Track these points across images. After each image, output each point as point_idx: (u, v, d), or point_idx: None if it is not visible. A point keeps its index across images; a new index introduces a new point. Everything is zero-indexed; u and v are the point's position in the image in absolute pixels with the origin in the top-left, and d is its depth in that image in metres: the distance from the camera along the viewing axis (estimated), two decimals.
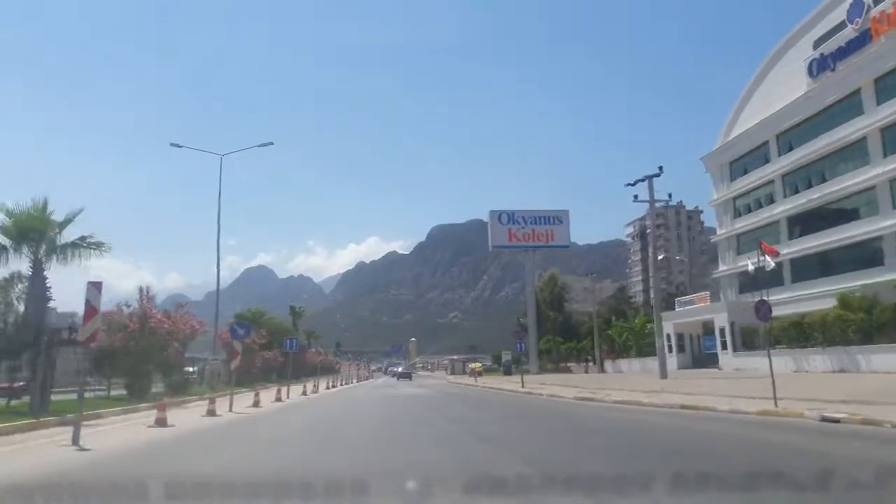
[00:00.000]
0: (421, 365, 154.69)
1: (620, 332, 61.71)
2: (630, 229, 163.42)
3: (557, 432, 12.22)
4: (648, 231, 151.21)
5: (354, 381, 61.98)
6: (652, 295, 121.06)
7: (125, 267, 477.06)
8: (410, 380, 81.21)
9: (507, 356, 73.87)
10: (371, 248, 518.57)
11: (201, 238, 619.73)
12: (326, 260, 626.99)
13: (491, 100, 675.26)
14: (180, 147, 38.22)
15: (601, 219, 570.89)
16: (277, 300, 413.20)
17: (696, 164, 55.30)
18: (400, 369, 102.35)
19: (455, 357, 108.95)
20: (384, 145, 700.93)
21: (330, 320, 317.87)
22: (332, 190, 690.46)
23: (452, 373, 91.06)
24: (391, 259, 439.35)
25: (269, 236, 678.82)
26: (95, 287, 11.63)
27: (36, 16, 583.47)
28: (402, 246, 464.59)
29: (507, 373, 68.42)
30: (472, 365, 78.62)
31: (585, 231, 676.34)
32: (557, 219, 77.43)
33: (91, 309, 11.53)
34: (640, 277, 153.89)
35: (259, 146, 37.45)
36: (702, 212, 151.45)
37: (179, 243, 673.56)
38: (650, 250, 24.88)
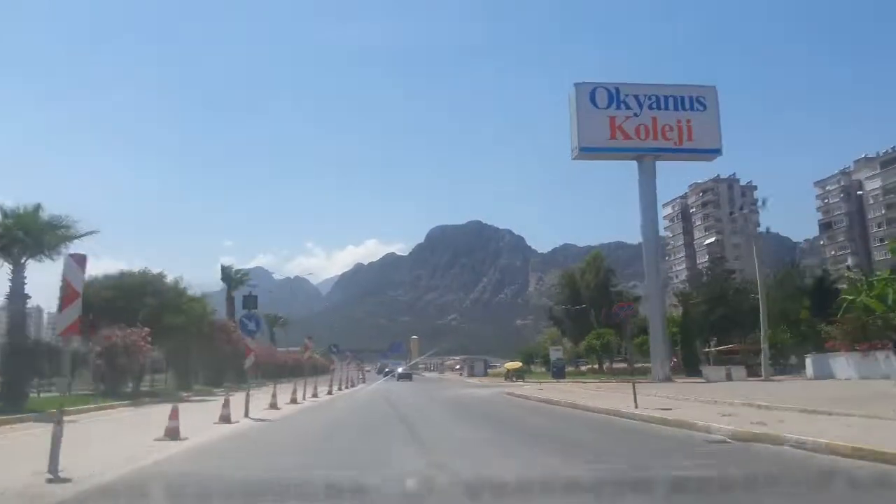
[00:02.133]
0: (424, 365, 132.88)
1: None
2: (669, 210, 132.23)
3: None
4: (693, 209, 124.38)
5: (332, 388, 34.75)
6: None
7: (121, 267, 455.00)
8: (410, 380, 66.01)
9: (556, 352, 53.42)
10: (369, 250, 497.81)
11: (198, 238, 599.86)
12: (324, 261, 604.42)
13: (491, 101, 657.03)
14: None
15: (601, 221, 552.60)
16: (274, 302, 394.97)
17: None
18: (401, 369, 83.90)
19: (470, 356, 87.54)
20: (384, 147, 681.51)
21: (327, 322, 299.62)
22: (331, 191, 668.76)
23: (471, 374, 70.83)
24: (389, 261, 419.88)
25: (266, 238, 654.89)
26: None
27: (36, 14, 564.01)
28: (401, 248, 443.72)
29: (559, 376, 49.01)
30: (508, 364, 58.18)
31: (585, 232, 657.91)
32: (698, 101, 43.06)
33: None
34: (683, 266, 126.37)
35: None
36: (755, 188, 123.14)
37: (177, 243, 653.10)
38: None
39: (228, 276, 55.09)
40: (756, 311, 40.31)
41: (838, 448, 8.77)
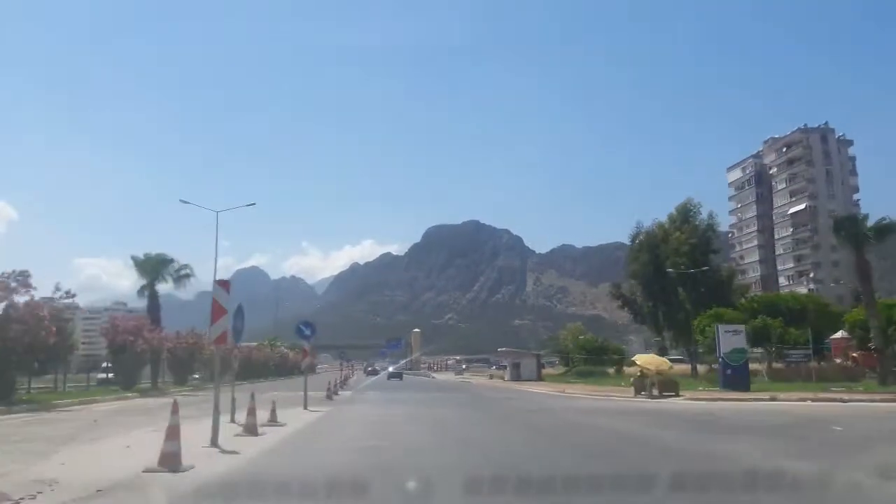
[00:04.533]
0: (427, 364, 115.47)
1: None
2: (737, 174, 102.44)
3: None
4: (772, 170, 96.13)
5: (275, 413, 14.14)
6: (779, 266, 62.06)
7: (118, 265, 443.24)
8: (400, 379, 53.66)
9: (732, 336, 27.51)
10: (366, 251, 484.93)
11: (196, 238, 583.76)
12: (320, 261, 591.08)
13: (488, 101, 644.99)
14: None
15: (600, 221, 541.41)
16: (269, 301, 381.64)
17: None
18: (391, 368, 70.34)
19: (516, 349, 62.02)
20: (381, 147, 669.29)
21: (322, 321, 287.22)
22: (328, 191, 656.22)
23: (518, 378, 48.02)
24: (385, 260, 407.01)
25: (262, 237, 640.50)
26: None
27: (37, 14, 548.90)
28: (398, 248, 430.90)
29: (739, 384, 26.15)
30: (643, 359, 28.60)
31: (583, 234, 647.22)
32: None
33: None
34: (754, 243, 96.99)
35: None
36: (850, 142, 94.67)
37: (174, 243, 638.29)
38: None
39: None
40: None
41: None
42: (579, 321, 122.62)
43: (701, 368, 42.25)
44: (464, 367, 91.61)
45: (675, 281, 47.20)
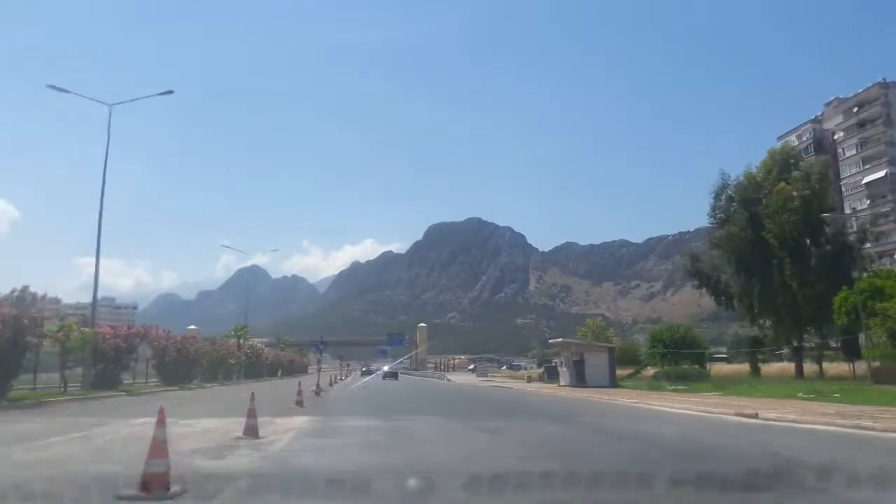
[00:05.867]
0: (432, 365, 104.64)
1: None
2: (791, 143, 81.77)
3: None
4: (838, 135, 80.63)
5: None
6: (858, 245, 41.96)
7: (120, 265, 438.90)
8: (396, 379, 50.14)
9: None
10: (367, 250, 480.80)
11: (198, 237, 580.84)
12: (322, 260, 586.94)
13: (489, 98, 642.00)
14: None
15: (602, 219, 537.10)
16: (270, 300, 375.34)
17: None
18: (387, 368, 65.16)
19: (574, 340, 45.80)
20: (382, 144, 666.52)
21: (323, 320, 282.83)
22: (329, 190, 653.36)
23: (581, 382, 33.20)
24: (387, 259, 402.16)
25: (264, 236, 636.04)
26: None
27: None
28: (399, 247, 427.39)
29: None
30: None
31: (585, 231, 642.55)
32: None
33: None
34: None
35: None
36: None
37: (175, 241, 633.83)
38: None
39: None
40: None
41: None
42: (582, 320, 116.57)
43: (835, 368, 32.95)
44: (470, 367, 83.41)
45: (780, 249, 36.15)
